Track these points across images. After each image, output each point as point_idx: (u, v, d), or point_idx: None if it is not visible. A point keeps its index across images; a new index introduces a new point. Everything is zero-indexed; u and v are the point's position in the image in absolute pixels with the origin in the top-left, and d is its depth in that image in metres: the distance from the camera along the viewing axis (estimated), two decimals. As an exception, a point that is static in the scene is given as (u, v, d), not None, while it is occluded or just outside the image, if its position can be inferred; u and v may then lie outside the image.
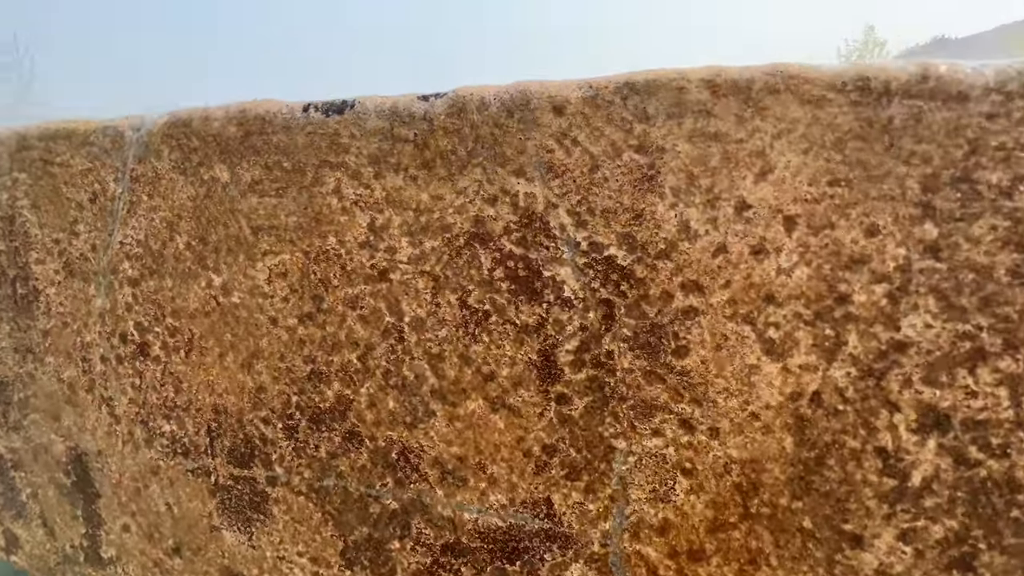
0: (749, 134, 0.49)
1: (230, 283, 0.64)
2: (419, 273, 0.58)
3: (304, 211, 0.60)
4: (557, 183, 0.53)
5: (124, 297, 0.71)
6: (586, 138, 0.52)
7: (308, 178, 0.59)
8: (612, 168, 0.52)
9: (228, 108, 0.62)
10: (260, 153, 0.61)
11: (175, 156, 0.65)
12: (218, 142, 0.62)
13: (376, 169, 0.57)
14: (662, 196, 0.51)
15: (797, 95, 0.48)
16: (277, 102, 0.60)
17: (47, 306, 0.77)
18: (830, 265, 0.49)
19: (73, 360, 0.77)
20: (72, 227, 0.73)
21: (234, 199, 0.63)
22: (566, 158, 0.52)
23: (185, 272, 0.67)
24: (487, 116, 0.54)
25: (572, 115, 0.52)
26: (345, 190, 0.58)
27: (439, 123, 0.55)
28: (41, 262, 0.76)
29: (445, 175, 0.56)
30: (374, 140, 0.57)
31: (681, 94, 0.50)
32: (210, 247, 0.65)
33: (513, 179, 0.54)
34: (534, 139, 0.53)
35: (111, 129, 0.68)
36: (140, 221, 0.68)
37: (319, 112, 0.58)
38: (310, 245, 0.60)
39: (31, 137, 0.73)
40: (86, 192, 0.71)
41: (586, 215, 0.53)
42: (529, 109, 0.53)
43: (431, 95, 0.56)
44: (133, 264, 0.70)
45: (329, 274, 0.60)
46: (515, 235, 0.55)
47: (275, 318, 0.63)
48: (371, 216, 0.58)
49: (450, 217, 0.56)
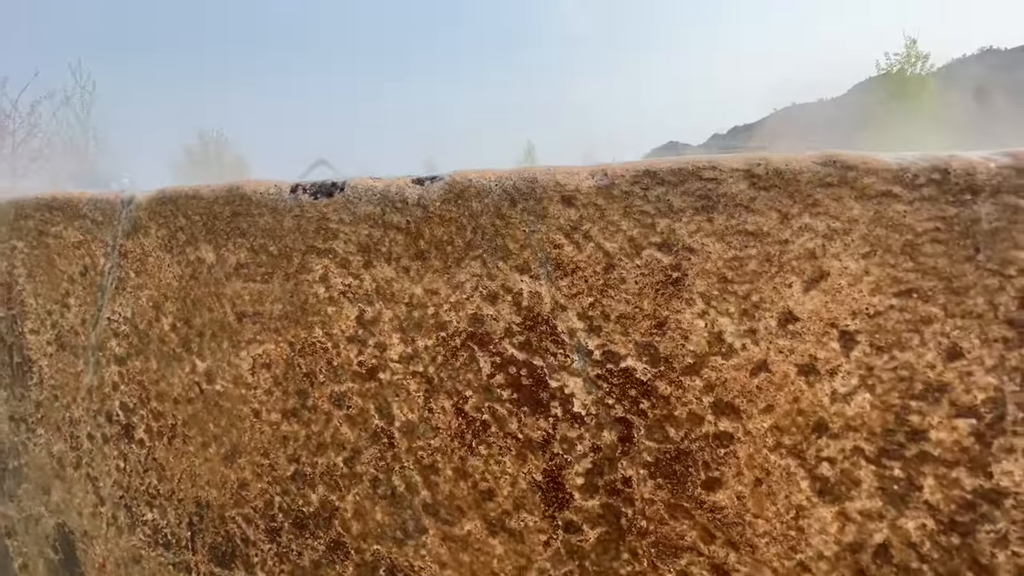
0: (796, 234, 0.41)
1: (214, 370, 0.60)
2: (411, 374, 0.51)
3: (290, 299, 0.55)
4: (566, 282, 0.46)
5: (111, 375, 0.67)
6: (599, 233, 0.45)
7: (294, 264, 0.54)
8: (630, 268, 0.44)
9: (215, 186, 0.58)
10: (246, 235, 0.56)
11: (162, 234, 0.61)
12: (205, 221, 0.58)
13: (366, 258, 0.52)
14: (689, 302, 0.43)
15: (856, 189, 0.40)
16: (265, 182, 0.56)
17: (40, 377, 0.74)
18: (899, 393, 0.40)
19: (62, 434, 0.73)
20: (64, 299, 0.70)
21: (219, 282, 0.58)
22: (577, 255, 0.45)
23: (170, 354, 0.62)
24: (487, 204, 0.48)
25: (583, 207, 0.45)
26: (333, 279, 0.53)
27: (434, 210, 0.49)
28: (35, 332, 0.74)
29: (440, 267, 0.49)
30: (364, 227, 0.51)
31: (713, 185, 0.42)
32: (195, 330, 0.61)
33: (516, 275, 0.47)
34: (540, 232, 0.46)
35: (102, 202, 0.65)
36: (127, 298, 0.65)
37: (307, 194, 0.53)
38: (295, 336, 0.55)
39: (28, 206, 0.71)
40: (77, 265, 0.68)
41: (600, 320, 0.45)
42: (535, 198, 0.46)
43: (426, 178, 0.50)
44: (120, 342, 0.66)
45: (315, 368, 0.55)
46: (518, 338, 0.48)
47: (258, 411, 0.58)
48: (360, 308, 0.52)
49: (446, 314, 0.50)
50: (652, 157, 4.53)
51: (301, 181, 0.54)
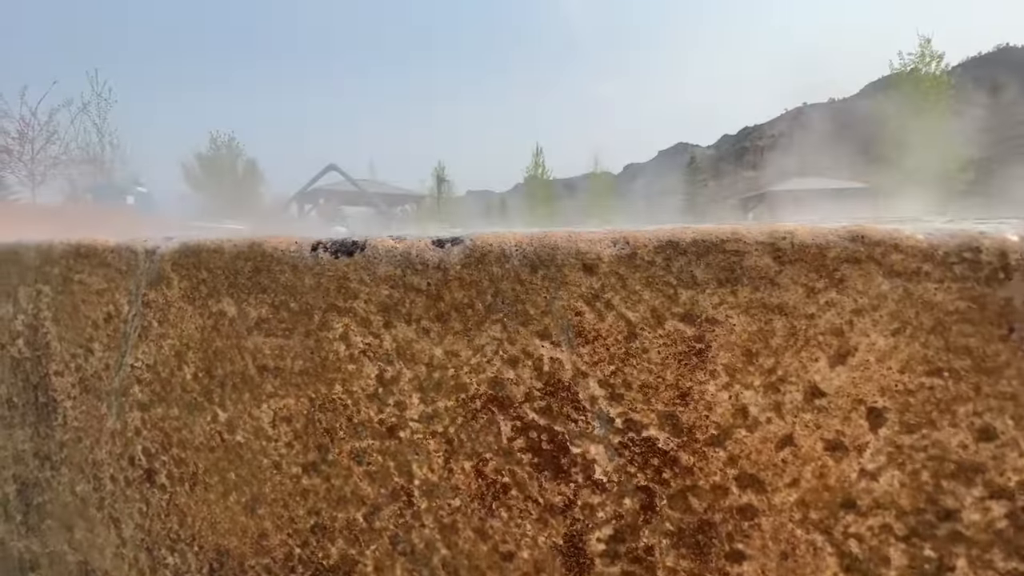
0: (822, 309, 0.40)
1: (235, 421, 0.60)
2: (431, 433, 0.51)
3: (310, 355, 0.55)
4: (587, 350, 0.46)
5: (133, 421, 0.68)
6: (621, 302, 0.45)
7: (315, 321, 0.55)
8: (653, 338, 0.44)
9: (238, 241, 0.58)
10: (267, 291, 0.57)
11: (184, 285, 0.62)
12: (227, 275, 0.59)
13: (386, 318, 0.52)
14: (713, 374, 0.43)
15: (884, 266, 0.39)
16: (287, 239, 0.56)
17: (64, 418, 0.76)
18: (930, 472, 0.39)
19: (85, 475, 0.75)
20: (88, 344, 0.71)
21: (240, 335, 0.59)
22: (598, 323, 0.45)
23: (191, 403, 0.63)
24: (508, 269, 0.48)
25: (605, 275, 0.45)
26: (353, 338, 0.53)
27: (455, 273, 0.49)
28: (60, 374, 0.75)
29: (460, 330, 0.50)
30: (384, 287, 0.52)
31: (736, 258, 0.42)
32: (216, 381, 0.61)
33: (537, 341, 0.47)
34: (561, 299, 0.46)
35: (126, 251, 0.66)
36: (150, 347, 0.65)
37: (328, 252, 0.54)
38: (316, 392, 0.55)
39: (55, 251, 0.73)
40: (102, 311, 0.69)
41: (622, 388, 0.45)
42: (556, 265, 0.46)
43: (447, 240, 0.50)
44: (143, 389, 0.67)
45: (335, 424, 0.55)
46: (539, 403, 0.48)
47: (279, 463, 0.58)
48: (380, 367, 0.53)
49: (466, 376, 0.50)
50: (661, 159, 4.61)
51: (322, 239, 0.55)
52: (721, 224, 0.43)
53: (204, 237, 0.61)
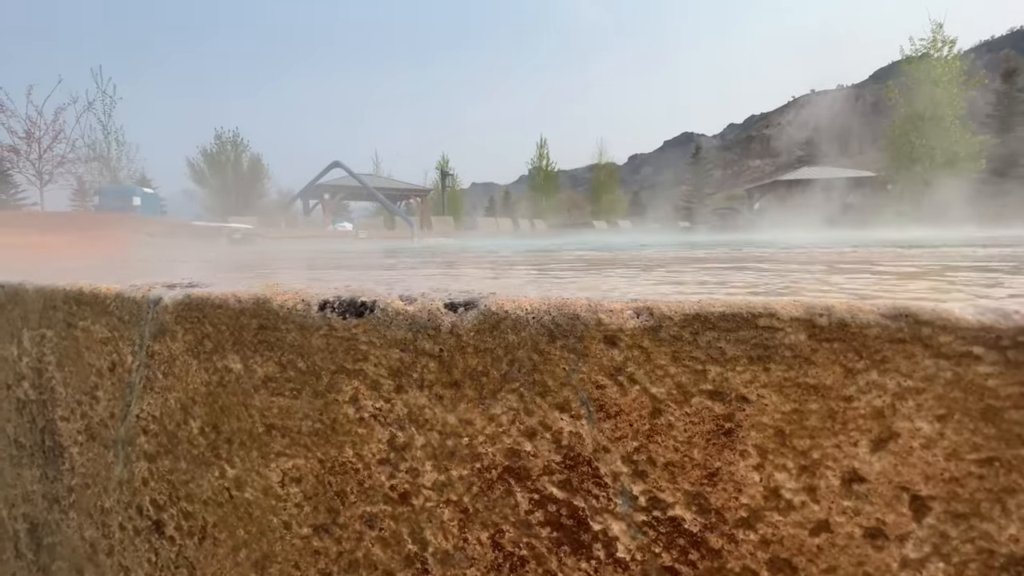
0: (862, 390, 0.38)
1: (243, 478, 0.59)
2: (445, 502, 0.49)
3: (319, 416, 0.54)
4: (609, 425, 0.43)
5: (140, 471, 0.67)
6: (645, 376, 0.42)
7: (324, 383, 0.53)
8: (679, 415, 0.42)
9: (243, 296, 0.56)
10: (274, 349, 0.55)
11: (189, 339, 0.60)
12: (231, 331, 0.57)
13: (397, 382, 0.50)
14: (743, 454, 0.41)
15: (930, 347, 0.37)
16: (293, 296, 0.54)
17: (71, 464, 0.75)
18: (979, 564, 0.37)
19: (94, 521, 0.74)
20: (93, 392, 0.70)
21: (247, 392, 0.57)
22: (621, 397, 0.43)
23: (199, 458, 0.62)
24: (524, 338, 0.45)
25: (628, 348, 0.42)
26: (363, 401, 0.51)
27: (468, 340, 0.47)
28: (66, 420, 0.74)
29: (475, 398, 0.47)
30: (395, 351, 0.50)
31: (769, 334, 0.39)
32: (223, 437, 0.60)
33: (556, 413, 0.45)
34: (581, 372, 0.44)
35: (129, 301, 0.64)
36: (155, 398, 0.64)
37: (336, 313, 0.52)
38: (325, 454, 0.54)
39: (57, 297, 0.71)
40: (106, 360, 0.68)
41: (646, 465, 0.43)
42: (576, 336, 0.44)
43: (460, 304, 0.48)
44: (149, 440, 0.65)
45: (346, 488, 0.53)
46: (558, 476, 0.45)
47: (288, 523, 0.57)
48: (391, 432, 0.51)
49: (481, 446, 0.48)
50: (666, 148, 4.55)
51: (329, 298, 0.53)
52: (751, 297, 0.40)
53: (208, 291, 0.59)
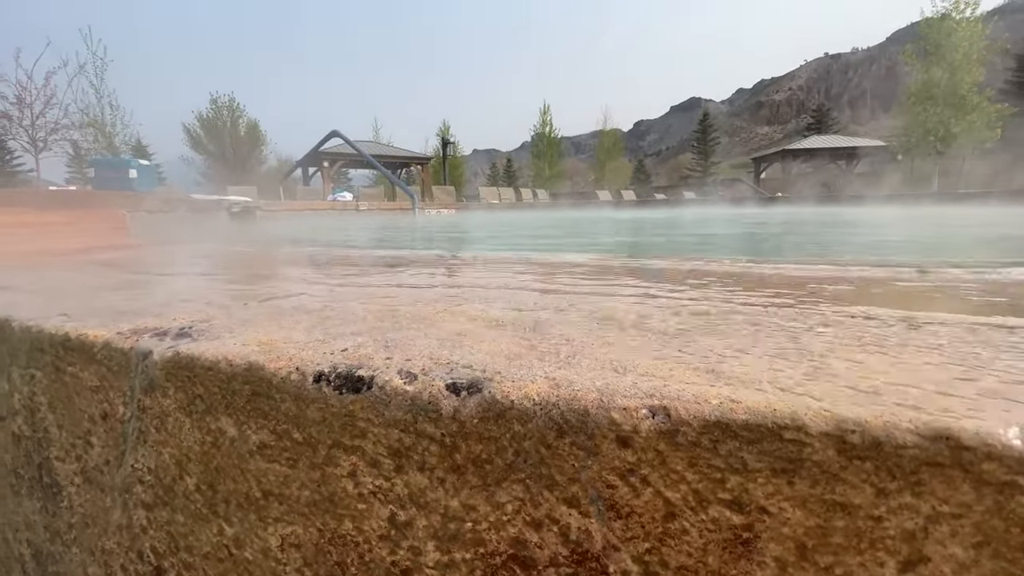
0: (893, 512, 0.36)
1: (242, 538, 0.58)
2: (448, 582, 0.48)
3: (317, 488, 0.52)
4: (620, 524, 0.41)
5: (139, 519, 0.66)
6: (660, 480, 0.40)
7: (321, 456, 0.51)
8: (694, 521, 0.39)
9: (234, 360, 0.54)
10: (268, 417, 0.53)
11: (180, 397, 0.58)
12: (223, 395, 0.55)
13: (397, 463, 0.48)
14: (761, 565, 0.39)
15: (971, 473, 0.34)
16: (287, 363, 0.51)
17: (70, 503, 0.74)
18: None
19: (96, 560, 0.73)
20: (87, 437, 0.68)
21: (243, 457, 0.55)
22: (633, 499, 0.41)
23: (196, 513, 0.60)
24: (531, 429, 0.43)
25: (642, 450, 0.40)
26: (362, 478, 0.49)
27: (472, 426, 0.44)
28: (61, 460, 0.73)
29: (479, 485, 0.45)
30: (395, 431, 0.47)
31: (795, 448, 0.37)
32: (220, 496, 0.58)
33: (564, 508, 0.43)
34: (591, 470, 0.41)
35: (117, 353, 0.62)
36: (150, 451, 0.62)
37: (331, 387, 0.49)
38: (324, 524, 0.52)
39: (44, 340, 0.68)
40: (97, 408, 0.66)
41: (657, 567, 0.41)
42: (586, 434, 0.41)
43: (463, 388, 0.45)
44: (146, 490, 0.64)
45: (346, 559, 0.52)
46: (565, 570, 0.44)
47: (290, 586, 0.56)
48: (392, 511, 0.49)
49: (485, 533, 0.46)
50: (672, 114, 4.41)
51: (325, 370, 0.50)
52: (777, 404, 0.37)
53: (199, 350, 0.56)
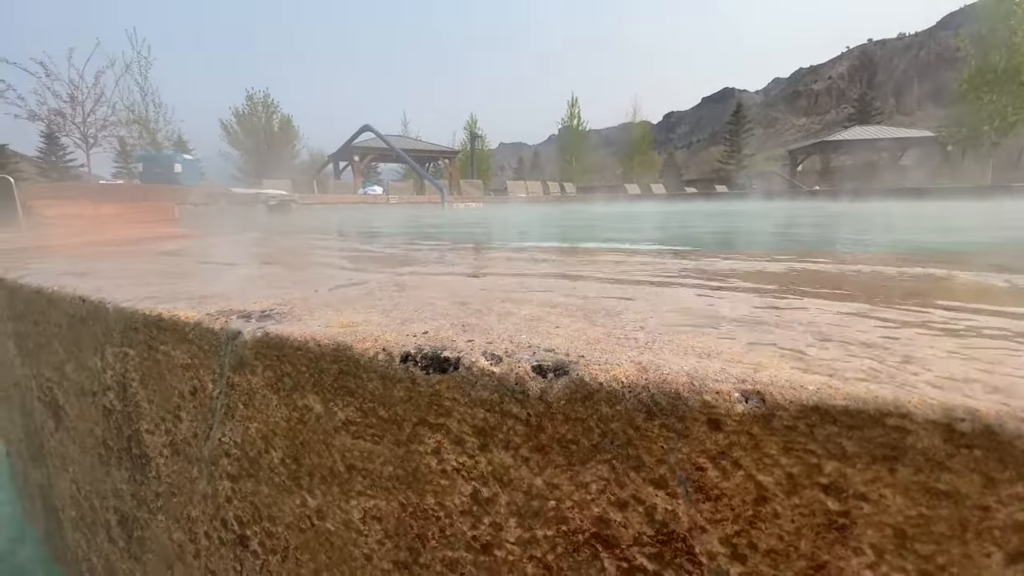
0: (1003, 502, 0.35)
1: (324, 510, 0.61)
2: (528, 557, 0.50)
3: (401, 463, 0.54)
4: (708, 506, 0.42)
5: (224, 489, 0.70)
6: (752, 464, 0.40)
7: (405, 433, 0.53)
8: (787, 505, 0.40)
9: (323, 341, 0.56)
10: (354, 395, 0.55)
11: (268, 375, 0.61)
12: (311, 373, 0.58)
13: (482, 441, 0.49)
14: (857, 551, 0.39)
15: (1091, 465, 0.33)
16: (373, 344, 0.54)
17: (158, 473, 0.79)
18: None
19: (181, 526, 0.79)
20: (176, 412, 0.73)
21: (328, 432, 0.58)
22: (722, 481, 0.41)
23: (280, 485, 0.64)
24: (619, 411, 0.44)
25: (734, 433, 0.40)
26: (446, 455, 0.51)
27: (558, 408, 0.46)
28: (151, 433, 0.78)
29: (563, 464, 0.47)
30: (480, 410, 0.49)
31: (898, 435, 0.36)
32: (304, 469, 0.61)
33: (650, 489, 0.44)
34: (680, 452, 0.42)
35: (208, 332, 0.66)
36: (236, 426, 0.66)
37: (418, 367, 0.51)
38: (407, 499, 0.55)
39: (137, 319, 0.73)
40: (187, 384, 0.70)
41: (746, 549, 0.42)
42: (677, 416, 0.42)
43: (549, 370, 0.46)
44: (231, 462, 0.68)
45: (427, 532, 0.54)
46: (648, 549, 0.45)
47: (370, 556, 0.59)
48: (475, 487, 0.51)
49: (568, 511, 0.47)
50: (704, 106, 4.33)
51: (411, 351, 0.52)
52: (879, 390, 0.37)
53: (288, 331, 0.59)
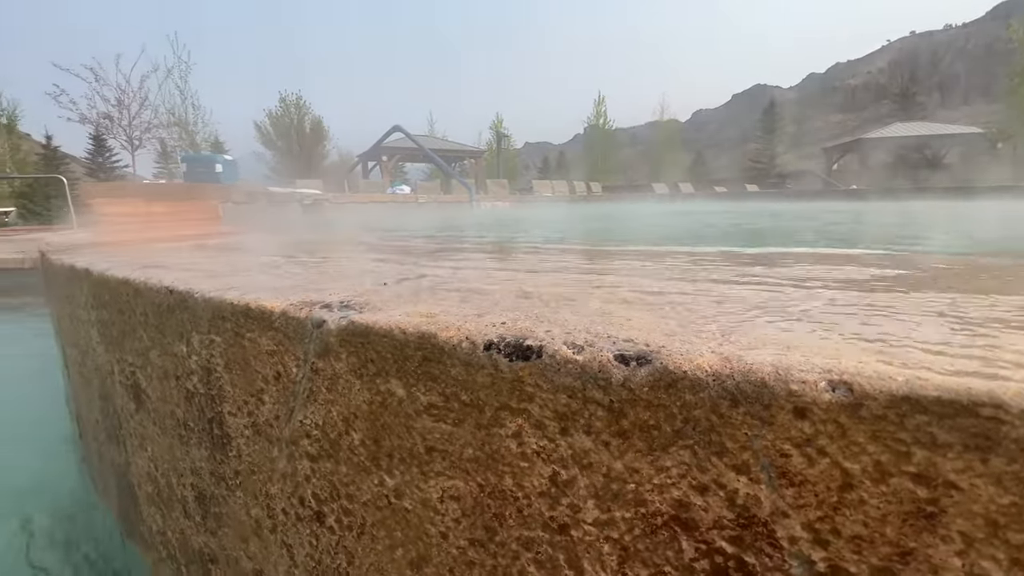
0: (1101, 493, 0.35)
1: (402, 489, 0.64)
2: (605, 538, 0.52)
3: (481, 446, 0.57)
4: (791, 492, 0.43)
5: (303, 468, 0.75)
6: (838, 451, 0.41)
7: (486, 416, 0.56)
8: (874, 492, 0.41)
9: (408, 329, 0.60)
10: (437, 380, 0.59)
11: (352, 361, 0.65)
12: (395, 359, 0.61)
13: (562, 425, 0.52)
14: (946, 539, 0.40)
15: None
16: (456, 333, 0.57)
17: (238, 452, 0.85)
18: None
19: (259, 503, 0.84)
20: (259, 395, 0.78)
21: (409, 416, 0.62)
22: (807, 468, 0.43)
23: (359, 465, 0.68)
24: (703, 398, 0.46)
25: (820, 421, 0.42)
26: (527, 438, 0.54)
27: (641, 395, 0.48)
28: (233, 415, 0.84)
29: (644, 449, 0.49)
30: (562, 396, 0.51)
31: (992, 425, 0.37)
32: (383, 451, 0.65)
33: (732, 474, 0.45)
34: (765, 439, 0.44)
35: (294, 321, 0.70)
36: (318, 409, 0.71)
37: (501, 355, 0.54)
38: (485, 480, 0.58)
39: (225, 309, 0.79)
40: (271, 369, 0.75)
41: (829, 535, 0.43)
42: (762, 404, 0.43)
43: (632, 359, 0.49)
44: (311, 443, 0.73)
45: (504, 512, 0.57)
46: (728, 532, 0.47)
47: (446, 534, 0.62)
48: (554, 469, 0.53)
49: (647, 494, 0.49)
50: (734, 103, 4.29)
51: (494, 339, 0.55)
52: (972, 382, 0.38)
53: (373, 319, 0.63)
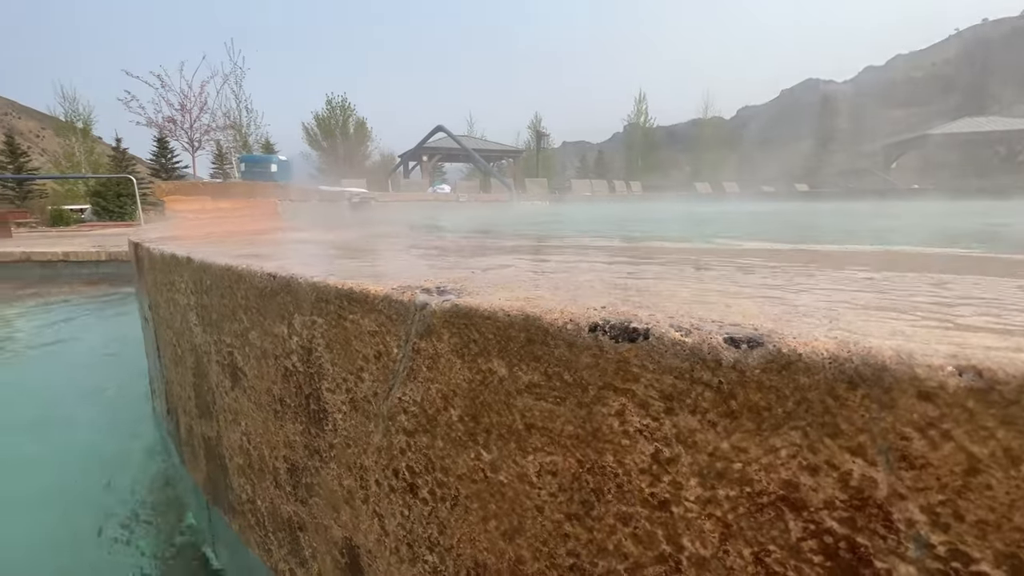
0: None
1: (499, 463, 0.68)
2: (707, 515, 0.54)
3: (582, 424, 0.60)
4: (911, 475, 0.44)
5: (399, 442, 0.80)
6: (965, 436, 0.42)
7: (589, 395, 0.59)
8: (1001, 477, 0.41)
9: (511, 311, 0.64)
10: (540, 360, 0.62)
11: (454, 341, 0.70)
12: (498, 340, 0.65)
13: (668, 405, 0.54)
14: (1081, 526, 0.39)
15: None
16: (560, 315, 0.60)
17: (334, 426, 0.91)
18: None
19: (352, 474, 0.90)
20: (358, 373, 0.84)
21: (510, 394, 0.65)
22: (929, 451, 0.43)
23: (456, 440, 0.72)
24: (817, 380, 0.47)
25: (946, 406, 0.42)
26: (630, 417, 0.57)
27: (752, 376, 0.50)
28: (331, 391, 0.90)
29: (753, 429, 0.50)
30: (669, 377, 0.54)
31: None
32: (481, 427, 0.69)
33: (846, 456, 0.46)
34: (884, 422, 0.44)
35: (397, 303, 0.76)
36: (417, 386, 0.75)
37: (607, 336, 0.57)
38: (584, 456, 0.61)
39: (329, 292, 0.85)
40: (372, 349, 0.81)
41: (950, 519, 0.43)
42: (882, 387, 0.44)
43: (743, 341, 0.50)
44: (408, 419, 0.78)
45: (603, 487, 0.60)
46: (840, 513, 0.48)
47: (541, 507, 0.66)
48: (656, 447, 0.56)
49: (754, 473, 0.51)
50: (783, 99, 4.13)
51: (599, 322, 0.58)
52: (1117, 368, 0.38)
53: (476, 302, 0.67)
